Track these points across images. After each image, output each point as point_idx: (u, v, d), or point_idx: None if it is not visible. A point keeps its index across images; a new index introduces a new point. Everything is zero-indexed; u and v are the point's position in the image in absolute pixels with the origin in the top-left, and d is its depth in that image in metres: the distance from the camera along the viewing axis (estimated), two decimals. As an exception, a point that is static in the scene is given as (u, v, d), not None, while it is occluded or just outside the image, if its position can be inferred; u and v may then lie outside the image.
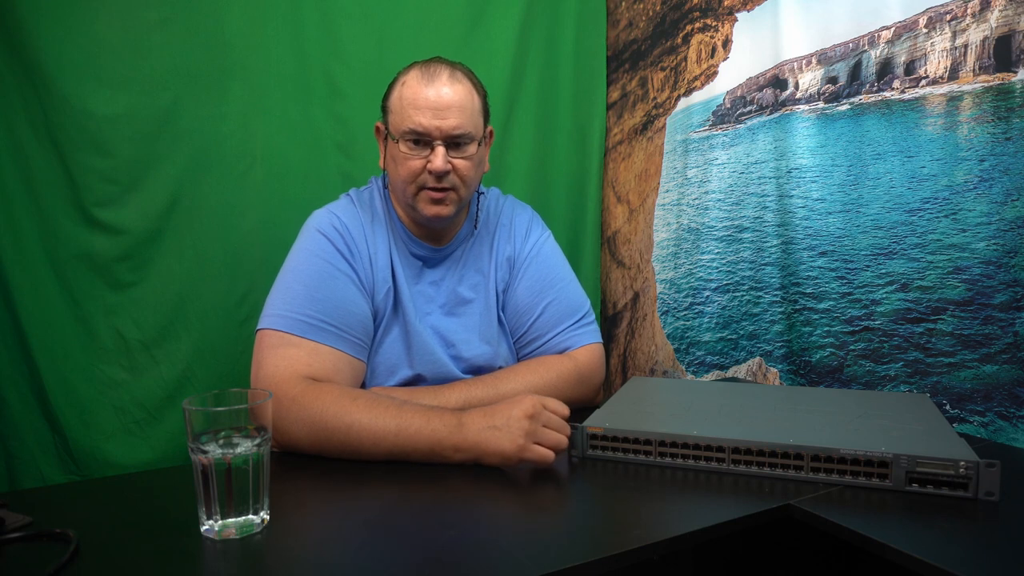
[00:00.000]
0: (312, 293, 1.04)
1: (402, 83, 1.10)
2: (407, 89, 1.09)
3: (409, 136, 1.08)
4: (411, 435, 0.90)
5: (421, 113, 1.07)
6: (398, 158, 1.10)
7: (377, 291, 1.11)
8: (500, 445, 0.87)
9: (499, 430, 0.88)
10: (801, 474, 0.85)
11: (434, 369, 1.13)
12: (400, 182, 1.11)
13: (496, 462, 0.88)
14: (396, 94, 1.11)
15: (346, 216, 1.12)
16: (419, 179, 1.09)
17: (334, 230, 1.10)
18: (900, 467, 0.80)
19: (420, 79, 1.09)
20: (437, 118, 1.07)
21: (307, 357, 0.99)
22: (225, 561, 0.67)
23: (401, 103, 1.09)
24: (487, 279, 1.21)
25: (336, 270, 1.07)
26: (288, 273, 1.07)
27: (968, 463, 0.78)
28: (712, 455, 0.88)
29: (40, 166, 1.26)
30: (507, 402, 0.91)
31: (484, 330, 1.19)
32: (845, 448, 0.83)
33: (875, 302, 1.25)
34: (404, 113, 1.08)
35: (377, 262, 1.12)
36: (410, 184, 1.10)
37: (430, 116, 1.07)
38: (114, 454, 1.32)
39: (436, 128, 1.07)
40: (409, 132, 1.07)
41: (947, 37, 1.16)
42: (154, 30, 1.31)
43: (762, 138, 1.48)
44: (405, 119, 1.08)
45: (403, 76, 1.12)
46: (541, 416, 0.89)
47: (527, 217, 1.28)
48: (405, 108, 1.08)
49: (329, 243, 1.09)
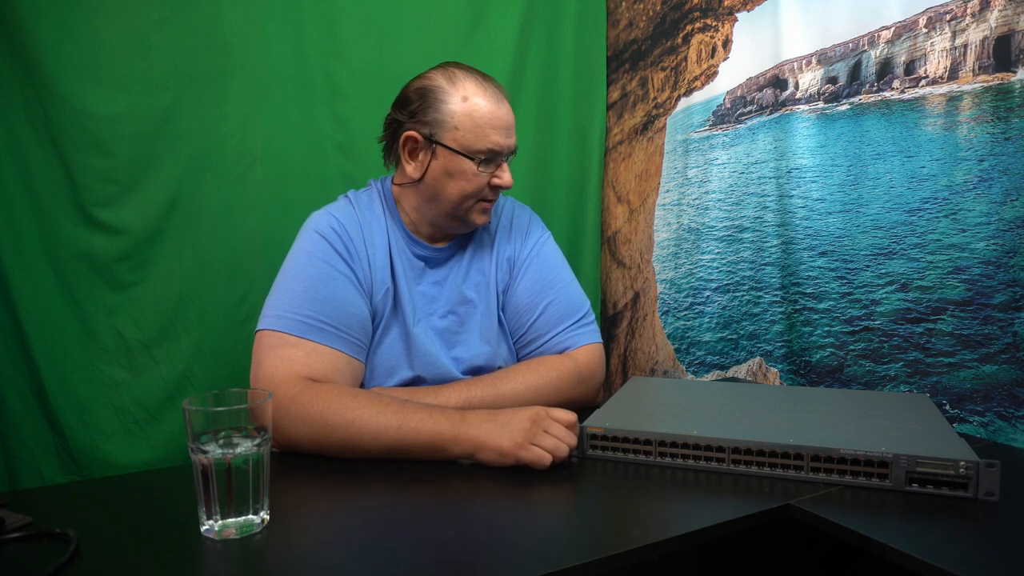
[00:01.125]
0: (311, 294, 1.04)
1: (462, 98, 1.09)
2: (476, 108, 1.09)
3: (486, 155, 1.10)
4: (412, 429, 0.91)
5: (498, 133, 1.10)
6: (462, 174, 1.10)
7: (376, 292, 1.12)
8: (498, 441, 0.88)
9: (500, 427, 0.89)
10: (801, 474, 0.85)
11: (433, 370, 1.13)
12: (458, 196, 1.11)
13: (492, 458, 0.89)
14: (459, 109, 1.09)
15: (344, 217, 1.12)
16: (480, 192, 1.12)
17: (332, 231, 1.10)
18: (900, 467, 0.80)
19: (485, 96, 1.10)
20: (508, 137, 1.11)
21: (306, 357, 1.00)
22: (225, 561, 0.67)
23: (473, 120, 1.08)
24: (488, 279, 1.21)
25: (334, 271, 1.07)
26: (287, 274, 1.08)
27: (968, 463, 0.78)
28: (712, 455, 0.88)
29: (40, 166, 1.26)
30: (512, 408, 0.94)
31: (484, 330, 1.19)
32: (845, 448, 0.83)
33: (875, 302, 1.25)
34: (480, 131, 1.09)
35: (376, 263, 1.12)
36: (470, 199, 1.12)
37: (504, 135, 1.10)
38: (114, 454, 1.32)
39: (508, 147, 1.12)
40: (487, 151, 1.09)
41: (947, 37, 1.16)
42: (154, 30, 1.31)
43: (762, 138, 1.48)
44: (481, 138, 1.09)
45: (454, 88, 1.10)
46: (543, 422, 0.90)
47: (527, 218, 1.28)
48: (481, 127, 1.08)
49: (327, 244, 1.09)
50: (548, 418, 0.91)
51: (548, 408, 0.93)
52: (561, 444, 0.89)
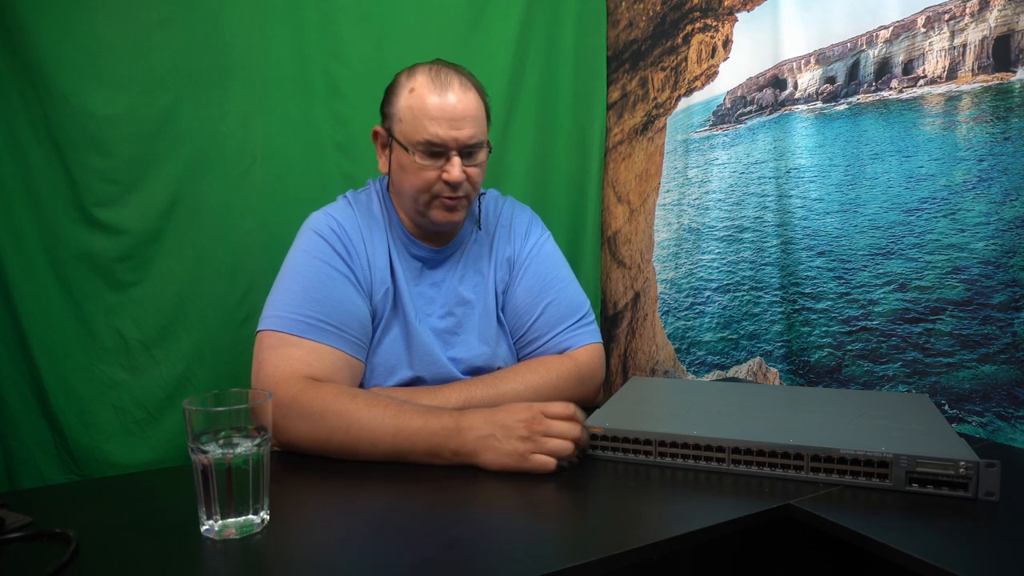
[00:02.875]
0: (311, 293, 1.04)
1: (409, 89, 1.07)
2: (418, 98, 1.05)
3: (424, 147, 1.06)
4: (409, 435, 0.90)
5: (437, 124, 1.05)
6: (409, 168, 1.08)
7: (375, 292, 1.11)
8: (499, 459, 0.87)
9: (498, 441, 0.87)
10: (801, 474, 0.85)
11: (433, 370, 1.13)
12: (411, 191, 1.09)
13: (494, 469, 0.88)
14: (404, 102, 1.07)
15: (343, 218, 1.12)
16: (433, 188, 1.08)
17: (331, 231, 1.10)
18: (900, 467, 0.80)
19: (431, 87, 1.06)
20: (453, 129, 1.05)
21: (307, 357, 1.00)
22: (225, 561, 0.67)
23: (412, 112, 1.06)
24: (486, 279, 1.21)
25: (334, 270, 1.07)
26: (286, 274, 1.08)
27: (968, 463, 0.78)
28: (712, 455, 0.88)
29: (40, 166, 1.27)
30: (506, 409, 0.90)
31: (483, 331, 1.19)
32: (845, 448, 0.83)
33: (873, 302, 1.25)
34: (418, 123, 1.05)
35: (375, 263, 1.12)
36: (423, 193, 1.09)
37: (446, 127, 1.05)
38: (114, 454, 1.33)
39: (452, 139, 1.06)
40: (424, 143, 1.05)
41: (945, 37, 1.16)
42: (154, 30, 1.31)
43: (762, 138, 1.48)
44: (419, 130, 1.05)
45: (408, 81, 1.08)
46: (539, 425, 0.87)
47: (527, 218, 1.28)
48: (419, 118, 1.05)
49: (326, 244, 1.09)
50: (545, 420, 0.88)
51: (544, 405, 0.90)
52: (564, 443, 0.87)
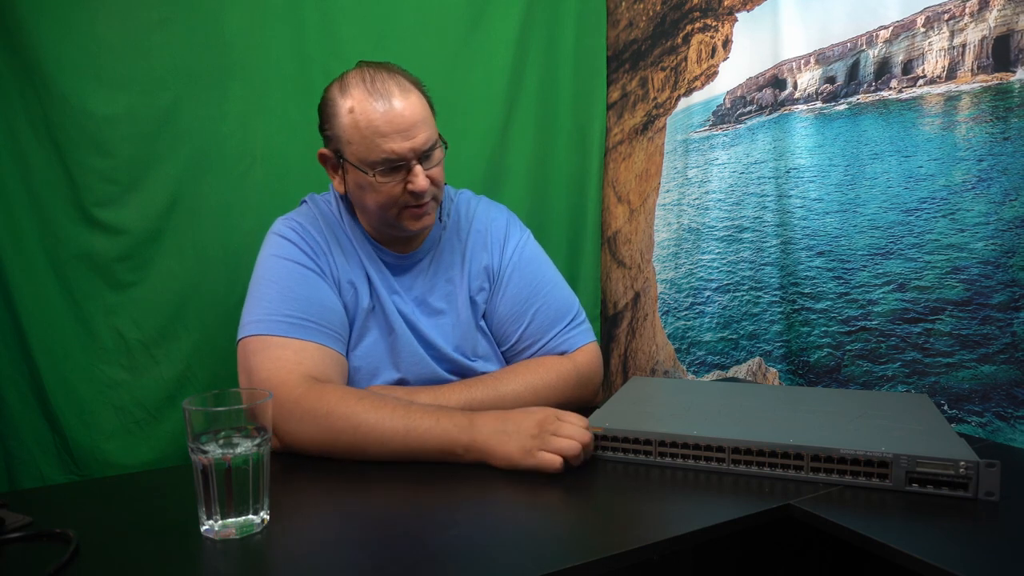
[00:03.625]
0: (286, 293, 1.03)
1: (348, 109, 1.01)
2: (362, 116, 1.00)
3: (382, 165, 1.01)
4: (420, 435, 0.90)
5: (390, 140, 1.00)
6: (370, 187, 1.04)
7: (343, 291, 1.10)
8: (507, 449, 0.87)
9: (508, 435, 0.88)
10: (801, 474, 0.85)
11: (417, 371, 1.12)
12: (376, 208, 1.06)
13: (503, 465, 0.88)
14: (347, 122, 1.02)
15: (306, 221, 1.11)
16: (400, 201, 1.04)
17: (294, 233, 1.09)
18: (900, 467, 0.81)
19: (371, 100, 1.00)
20: (407, 140, 1.01)
21: (296, 355, 0.98)
22: (225, 561, 0.67)
23: (360, 132, 1.00)
24: (457, 288, 1.17)
25: (305, 269, 1.06)
26: (258, 281, 1.06)
27: (968, 463, 0.78)
28: (712, 455, 0.88)
29: (40, 166, 1.26)
30: (522, 410, 0.92)
31: (459, 342, 1.16)
32: (845, 448, 0.83)
33: (872, 302, 1.25)
34: (369, 143, 1.00)
35: (340, 263, 1.10)
36: (389, 209, 1.05)
37: (400, 140, 1.00)
38: (114, 454, 1.32)
39: (409, 150, 1.01)
40: (382, 162, 1.01)
41: (945, 37, 1.16)
42: (154, 30, 1.31)
43: (762, 138, 1.48)
44: (373, 149, 1.00)
45: (344, 99, 1.02)
46: (552, 425, 0.88)
47: (503, 221, 1.23)
48: (369, 138, 1.00)
49: (292, 245, 1.08)
50: (557, 420, 0.89)
51: (559, 411, 0.91)
52: (572, 443, 0.87)
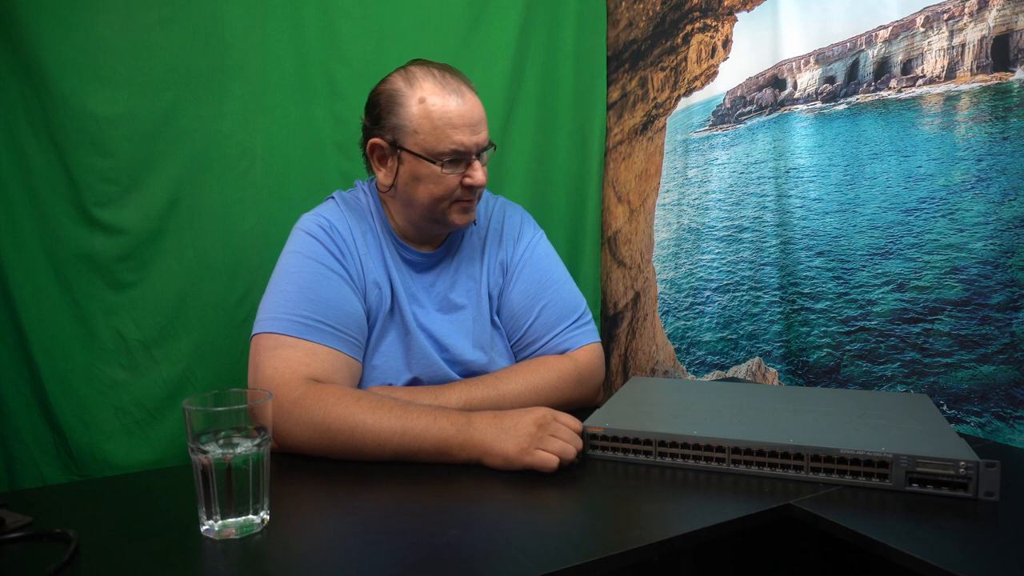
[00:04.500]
0: (305, 294, 1.03)
1: (419, 99, 1.05)
2: (434, 109, 1.04)
3: (450, 156, 1.05)
4: (417, 435, 0.90)
5: (460, 132, 1.04)
6: (429, 177, 1.07)
7: (368, 291, 1.10)
8: (504, 447, 0.88)
9: (506, 433, 0.89)
10: (801, 474, 0.85)
11: (430, 372, 1.13)
12: (429, 200, 1.08)
13: (498, 463, 0.88)
14: (417, 111, 1.05)
15: (334, 218, 1.12)
16: (455, 194, 1.08)
17: (322, 231, 1.09)
18: (900, 467, 0.81)
19: (446, 96, 1.05)
20: (474, 134, 1.06)
21: (305, 357, 0.99)
22: (225, 561, 0.67)
23: (432, 122, 1.04)
24: (479, 284, 1.20)
25: (328, 270, 1.06)
26: (280, 276, 1.07)
27: (968, 463, 0.78)
28: (712, 455, 0.88)
29: (40, 166, 1.26)
30: (519, 410, 0.92)
31: (478, 336, 1.18)
32: (845, 448, 0.83)
33: (871, 302, 1.25)
34: (440, 133, 1.04)
35: (367, 263, 1.11)
36: (443, 200, 1.08)
37: (468, 133, 1.05)
38: (114, 454, 1.32)
39: (475, 144, 1.06)
40: (451, 152, 1.05)
41: (944, 36, 1.16)
42: (154, 30, 1.31)
43: (761, 138, 1.48)
44: (443, 139, 1.04)
45: (412, 90, 1.06)
46: (550, 426, 0.89)
47: (518, 219, 1.27)
48: (440, 128, 1.04)
49: (319, 243, 1.08)
50: (555, 421, 0.90)
51: (555, 412, 0.92)
52: (568, 447, 0.88)
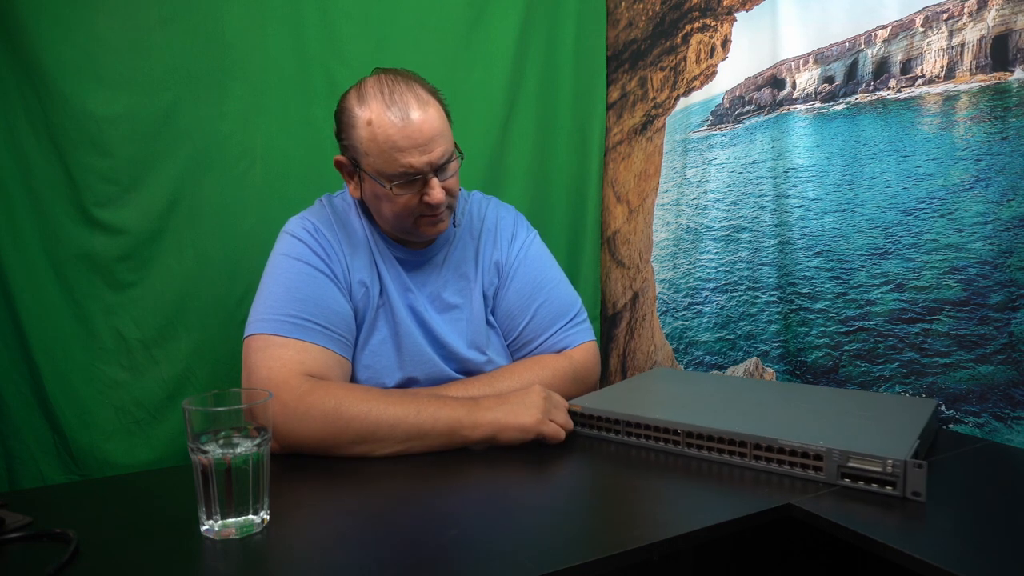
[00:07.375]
0: (293, 294, 1.04)
1: (366, 121, 1.02)
2: (380, 130, 1.01)
3: (400, 179, 1.03)
4: (429, 415, 0.94)
5: (407, 154, 1.01)
6: (385, 197, 1.05)
7: (355, 291, 1.11)
8: (519, 419, 0.94)
9: (517, 406, 0.96)
10: (745, 460, 0.88)
11: (426, 369, 1.13)
12: (393, 217, 1.08)
13: (514, 436, 0.94)
14: (365, 134, 1.02)
15: (319, 220, 1.13)
16: (415, 211, 1.06)
17: (306, 232, 1.10)
18: (832, 460, 0.83)
19: (389, 112, 1.01)
20: (424, 153, 1.01)
21: (298, 356, 0.99)
22: (225, 561, 0.67)
23: (378, 146, 1.01)
24: (472, 284, 1.20)
25: (314, 269, 1.07)
26: (268, 279, 1.08)
27: (896, 461, 0.79)
28: (667, 436, 0.94)
29: (40, 166, 1.26)
30: (518, 391, 1.01)
31: (472, 336, 1.18)
32: (784, 439, 0.86)
33: (870, 302, 1.25)
34: (387, 156, 1.01)
35: (354, 263, 1.11)
36: (405, 218, 1.08)
37: (418, 154, 1.01)
38: (114, 454, 1.33)
39: (426, 164, 1.02)
40: (399, 175, 1.02)
41: (944, 36, 1.16)
42: (154, 30, 1.31)
43: (760, 138, 1.48)
44: (390, 163, 1.01)
45: (362, 111, 1.03)
46: (552, 398, 1.00)
47: (511, 219, 1.27)
48: (386, 151, 1.01)
49: (303, 245, 1.09)
50: (554, 395, 1.01)
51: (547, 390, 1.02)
52: (569, 421, 0.99)
